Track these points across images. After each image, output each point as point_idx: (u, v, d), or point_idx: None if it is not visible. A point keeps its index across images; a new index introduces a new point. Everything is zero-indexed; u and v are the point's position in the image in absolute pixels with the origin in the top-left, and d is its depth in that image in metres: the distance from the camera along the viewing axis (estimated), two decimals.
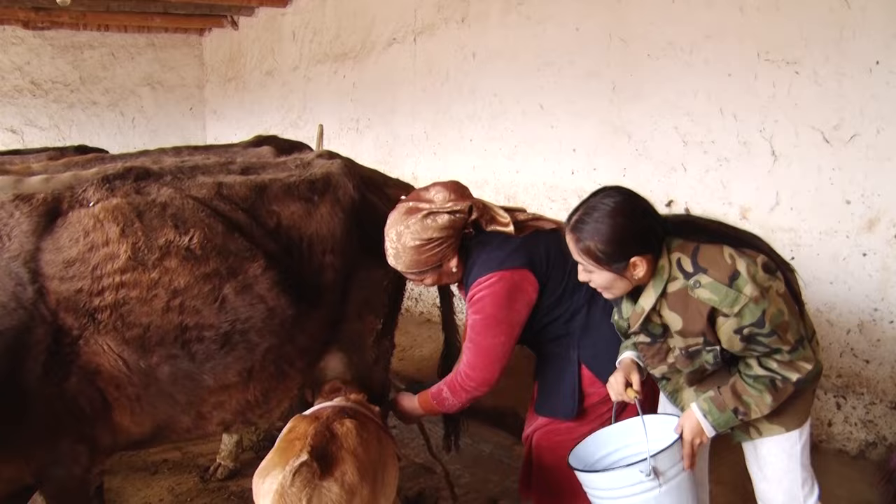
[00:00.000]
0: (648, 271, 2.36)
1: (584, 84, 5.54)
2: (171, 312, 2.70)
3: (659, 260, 2.37)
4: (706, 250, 2.34)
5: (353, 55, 8.35)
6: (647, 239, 2.34)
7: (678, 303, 2.36)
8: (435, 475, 4.43)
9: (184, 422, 2.91)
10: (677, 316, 2.37)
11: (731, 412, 2.41)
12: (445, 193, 2.97)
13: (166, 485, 4.34)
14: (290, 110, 9.78)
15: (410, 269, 2.95)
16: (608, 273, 2.37)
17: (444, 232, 2.87)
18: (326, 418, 2.53)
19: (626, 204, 2.34)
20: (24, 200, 2.61)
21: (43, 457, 2.59)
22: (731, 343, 2.34)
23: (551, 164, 5.98)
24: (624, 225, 2.30)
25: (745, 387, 2.39)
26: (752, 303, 2.24)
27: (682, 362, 2.49)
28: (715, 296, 2.26)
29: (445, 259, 2.94)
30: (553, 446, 3.07)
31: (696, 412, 2.45)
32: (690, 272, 2.31)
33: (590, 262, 2.36)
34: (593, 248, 2.32)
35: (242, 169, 3.21)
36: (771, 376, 2.36)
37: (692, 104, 4.82)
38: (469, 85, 6.76)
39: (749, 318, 2.25)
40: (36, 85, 10.47)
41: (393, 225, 2.93)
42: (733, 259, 2.30)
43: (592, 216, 2.33)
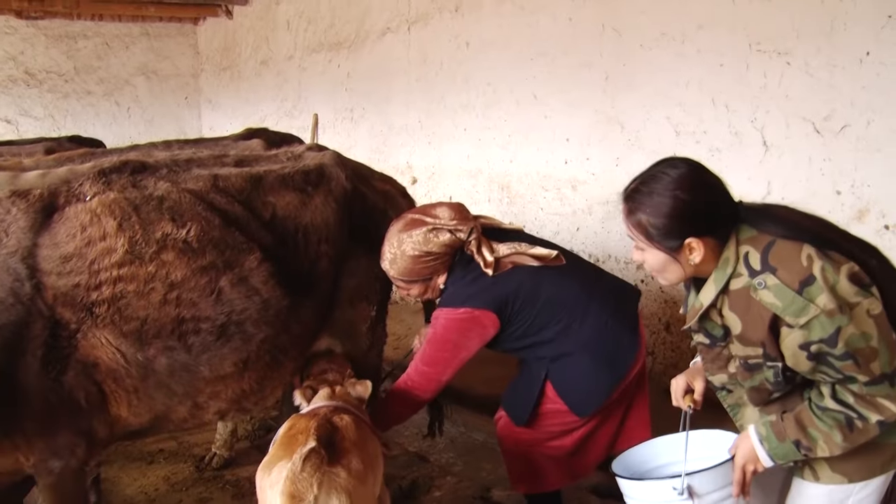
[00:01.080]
0: (708, 258, 2.06)
1: (577, 74, 5.56)
2: (168, 305, 2.74)
3: (725, 250, 2.06)
4: (782, 247, 1.99)
5: (348, 44, 8.36)
6: (710, 220, 2.05)
7: (739, 303, 2.05)
8: (428, 464, 4.48)
9: (181, 412, 2.94)
10: (737, 318, 2.06)
11: (793, 444, 2.06)
12: (451, 213, 3.13)
13: (162, 474, 4.39)
14: (284, 100, 9.78)
15: (402, 277, 3.14)
16: (660, 253, 2.08)
17: (443, 249, 3.05)
18: (325, 414, 2.57)
19: (689, 176, 2.06)
20: (21, 196, 2.63)
21: (41, 449, 2.62)
22: (796, 361, 2.00)
23: (545, 153, 6.01)
24: (683, 199, 2.01)
25: (812, 418, 2.03)
26: (825, 316, 1.88)
27: (742, 374, 2.18)
28: (779, 301, 1.93)
29: (436, 274, 3.13)
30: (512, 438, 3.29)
31: (752, 436, 2.13)
32: (757, 270, 1.99)
33: (641, 237, 2.09)
34: (644, 222, 2.05)
35: (236, 161, 3.25)
36: (845, 412, 1.98)
37: (684, 94, 4.84)
38: (463, 74, 6.77)
39: (819, 332, 1.90)
40: (30, 75, 10.45)
41: (396, 232, 3.11)
42: (811, 261, 1.94)
43: (650, 186, 2.06)
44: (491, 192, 6.61)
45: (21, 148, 5.51)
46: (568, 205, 5.85)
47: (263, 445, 4.25)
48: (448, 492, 4.21)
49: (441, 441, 4.76)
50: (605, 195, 5.47)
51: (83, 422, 2.70)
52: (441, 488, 4.24)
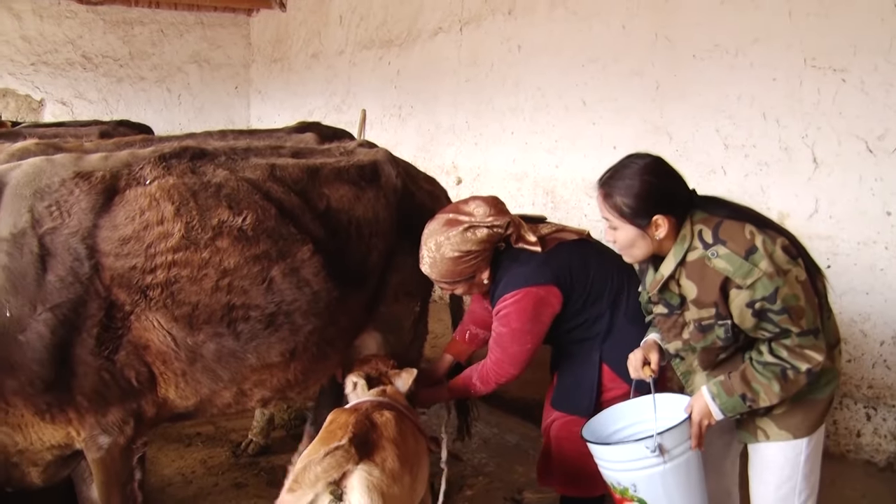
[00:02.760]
0: (670, 234, 2.46)
1: (627, 82, 5.56)
2: (220, 292, 2.79)
3: (682, 229, 2.46)
4: (728, 225, 2.40)
5: (399, 42, 8.42)
6: (672, 201, 2.45)
7: (695, 272, 2.44)
8: (461, 463, 4.51)
9: (225, 397, 3.00)
10: (693, 284, 2.45)
11: (739, 397, 2.44)
12: (486, 208, 3.09)
13: (199, 457, 4.47)
14: (333, 94, 9.87)
15: (444, 279, 3.10)
16: (631, 228, 2.47)
17: (482, 245, 3.01)
18: (366, 410, 2.60)
19: (654, 165, 2.48)
20: (84, 178, 2.69)
21: (92, 425, 2.70)
22: (742, 317, 2.39)
23: (591, 160, 6.00)
24: (650, 182, 2.42)
25: (754, 373, 2.43)
26: (766, 278, 2.30)
27: (695, 336, 2.54)
28: (730, 266, 2.34)
29: (479, 271, 3.08)
30: (571, 437, 3.15)
31: (705, 394, 2.51)
32: (710, 243, 2.39)
33: (615, 216, 2.47)
34: (619, 203, 2.44)
35: (293, 153, 3.31)
36: (781, 364, 2.39)
37: (735, 107, 4.82)
38: (513, 77, 6.79)
39: (761, 291, 2.31)
40: (87, 59, 10.66)
41: (432, 234, 3.06)
42: (753, 235, 2.36)
43: (622, 173, 2.47)
44: (535, 196, 6.63)
45: (76, 129, 5.61)
46: None
47: (299, 435, 4.33)
48: (479, 492, 4.23)
49: (474, 441, 4.79)
50: None
51: (132, 401, 2.77)
52: (473, 488, 4.26)
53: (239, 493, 4.08)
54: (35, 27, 10.27)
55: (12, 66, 10.23)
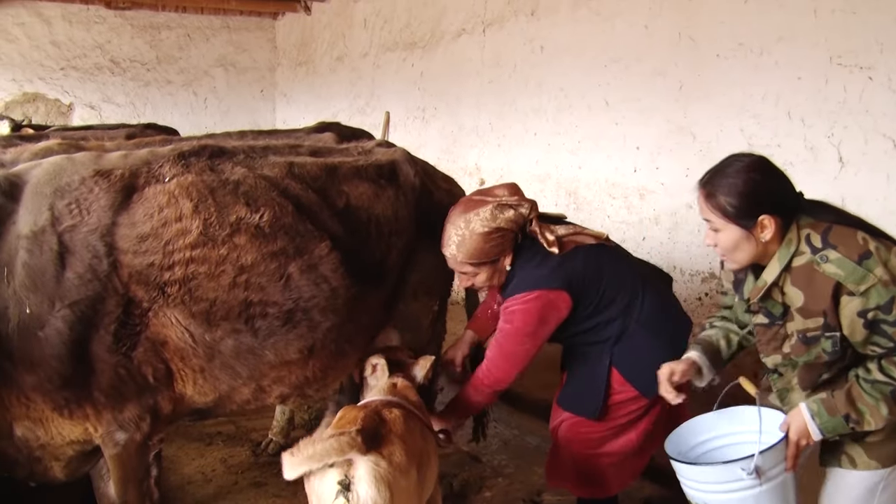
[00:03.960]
0: (776, 237, 2.31)
1: (650, 82, 5.52)
2: (237, 288, 2.80)
3: (788, 233, 2.31)
4: (839, 230, 2.26)
5: (423, 44, 8.43)
6: (779, 200, 2.31)
7: (802, 277, 2.28)
8: (480, 464, 4.50)
9: (244, 394, 3.01)
10: (800, 292, 2.29)
11: (842, 418, 2.27)
12: (509, 190, 3.12)
13: (219, 456, 4.49)
14: (358, 96, 9.90)
15: (471, 259, 3.04)
16: (736, 229, 2.32)
17: (510, 225, 3.00)
18: (375, 406, 2.60)
19: (761, 163, 2.35)
20: (104, 176, 2.72)
21: (109, 421, 2.71)
22: (852, 328, 2.22)
23: (614, 161, 5.97)
24: (757, 180, 2.29)
25: (861, 393, 2.26)
26: (881, 285, 2.14)
27: (798, 349, 2.36)
28: (841, 270, 2.18)
29: (504, 254, 3.06)
30: (580, 438, 3.21)
31: (804, 412, 2.34)
32: (819, 247, 2.24)
33: (719, 216, 2.33)
34: (723, 202, 2.30)
35: (311, 151, 3.33)
36: (892, 384, 2.22)
37: (760, 107, 4.76)
38: (536, 78, 6.77)
39: (875, 299, 2.15)
40: (115, 63, 10.80)
41: (460, 214, 3.05)
42: (866, 241, 2.21)
43: (726, 171, 2.34)
44: (558, 197, 6.60)
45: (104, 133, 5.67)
46: (635, 213, 5.81)
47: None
48: (498, 493, 4.21)
49: (494, 443, 4.78)
50: (674, 205, 5.42)
51: (149, 397, 2.78)
52: (492, 489, 4.25)
53: (258, 492, 4.10)
54: (64, 32, 10.42)
55: (42, 70, 10.38)
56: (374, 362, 3.01)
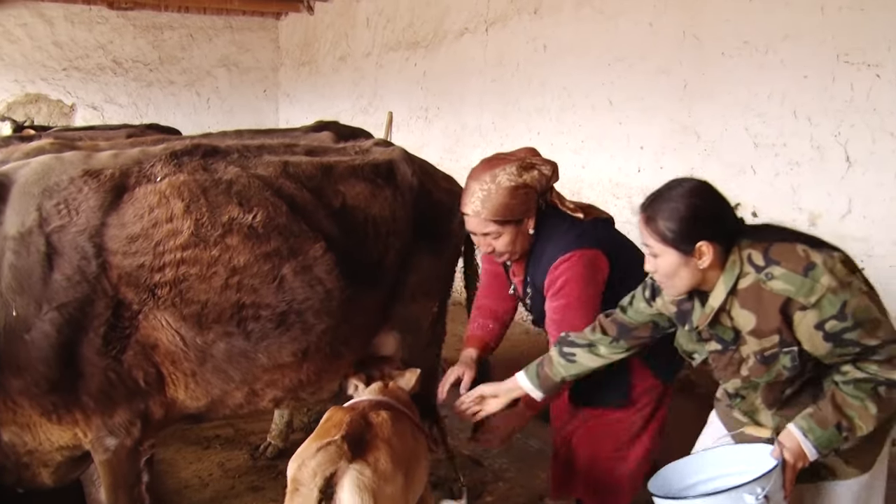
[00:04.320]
0: (715, 264, 2.24)
1: (654, 81, 5.46)
2: (229, 290, 2.74)
3: (730, 256, 2.25)
4: (779, 247, 2.20)
5: (425, 44, 8.37)
6: (718, 226, 2.25)
7: (750, 298, 2.22)
8: (481, 468, 4.43)
9: (237, 398, 2.95)
10: (750, 313, 2.23)
11: (835, 428, 2.17)
12: (530, 152, 3.01)
13: (217, 460, 4.43)
14: (360, 96, 9.86)
15: (496, 216, 2.86)
16: (674, 255, 2.25)
17: (536, 183, 2.87)
18: (363, 409, 2.54)
19: (700, 188, 2.28)
20: (93, 176, 2.66)
21: (98, 426, 2.66)
22: (813, 343, 2.16)
23: (618, 160, 5.91)
24: (696, 205, 2.22)
25: (844, 397, 2.19)
26: (831, 293, 2.08)
27: (757, 370, 2.31)
28: (790, 286, 2.12)
29: (528, 215, 2.90)
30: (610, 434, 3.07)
31: (795, 433, 2.22)
32: (762, 265, 2.19)
33: (657, 241, 2.27)
34: (662, 227, 2.24)
35: (307, 151, 3.27)
36: (872, 378, 2.15)
37: (765, 105, 4.70)
38: (539, 78, 6.71)
39: (829, 309, 2.09)
40: (117, 63, 10.77)
41: (486, 169, 2.89)
42: (807, 253, 2.16)
43: (666, 195, 2.28)
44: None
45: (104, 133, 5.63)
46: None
47: None
48: (499, 498, 4.14)
49: None
50: None
51: (140, 402, 2.73)
52: (493, 493, 4.18)
53: (255, 496, 4.03)
54: (67, 33, 10.39)
55: (45, 71, 10.36)
56: (354, 383, 2.95)
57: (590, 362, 2.75)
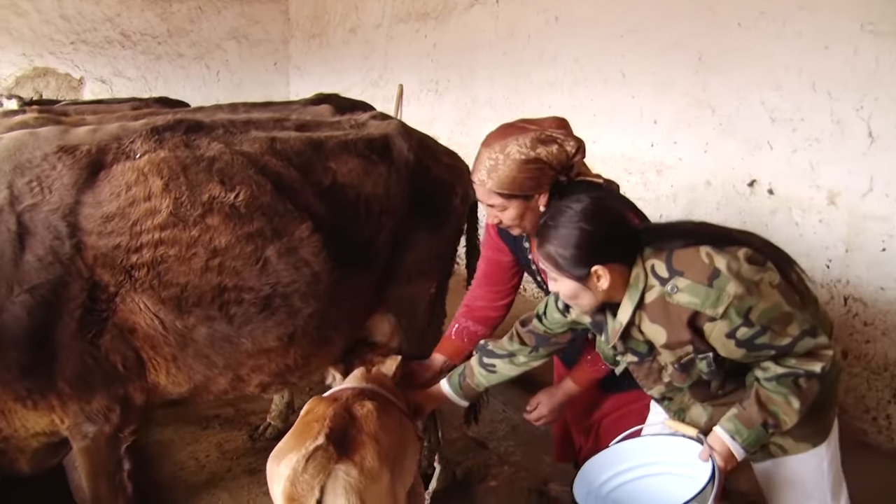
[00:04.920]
0: (616, 283, 2.20)
1: (668, 53, 5.25)
2: (210, 272, 2.63)
3: (633, 269, 2.21)
4: (681, 254, 2.16)
5: (435, 15, 8.17)
6: (612, 247, 2.20)
7: (658, 313, 2.18)
8: (486, 451, 4.33)
9: (221, 383, 2.85)
10: (660, 328, 2.20)
11: (761, 427, 2.18)
12: (556, 123, 2.73)
13: (215, 440, 4.36)
14: (371, 69, 9.68)
15: (501, 188, 2.63)
16: (569, 282, 2.22)
17: (551, 159, 2.60)
18: (346, 400, 2.41)
19: (591, 210, 2.20)
20: (68, 152, 2.55)
21: (75, 412, 2.57)
22: (727, 350, 2.15)
23: (630, 135, 5.72)
24: (585, 230, 2.17)
25: (767, 394, 2.18)
26: (737, 300, 2.05)
27: (678, 377, 2.30)
28: (695, 298, 2.08)
29: (539, 191, 2.64)
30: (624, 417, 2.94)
31: (722, 435, 2.22)
32: (666, 277, 2.14)
33: (552, 268, 2.24)
34: (553, 253, 2.20)
35: (297, 126, 3.13)
36: (792, 372, 2.14)
37: (782, 78, 4.49)
38: (551, 50, 6.51)
39: (737, 317, 2.07)
40: (125, 36, 10.62)
41: (497, 138, 2.66)
42: (711, 258, 2.11)
43: (556, 220, 2.22)
44: None
45: (108, 106, 5.53)
46: (652, 190, 5.57)
47: None
48: (504, 482, 4.05)
49: (502, 428, 4.61)
50: (692, 182, 5.18)
51: (119, 387, 2.63)
52: (497, 478, 4.08)
53: (251, 479, 3.96)
54: (74, 6, 10.24)
55: (52, 44, 10.23)
56: (332, 373, 2.86)
57: (510, 371, 2.79)
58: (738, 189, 4.83)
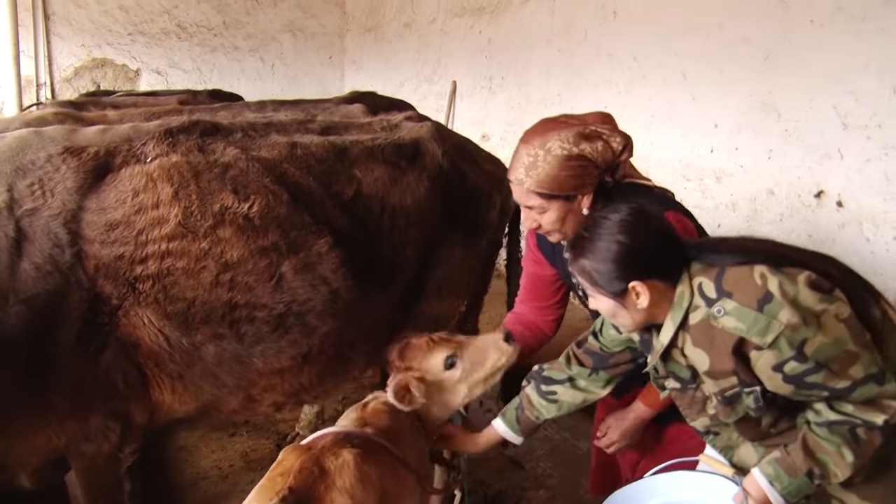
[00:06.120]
0: (658, 301, 2.01)
1: (732, 51, 4.94)
2: (220, 288, 2.46)
3: (679, 286, 2.01)
4: (733, 272, 1.95)
5: (490, 10, 7.93)
6: (653, 262, 2.01)
7: (702, 337, 1.98)
8: (522, 472, 4.10)
9: (231, 403, 2.69)
10: (703, 353, 1.99)
11: (805, 476, 1.95)
12: (601, 118, 2.57)
13: (241, 449, 4.21)
14: (425, 64, 9.48)
15: (541, 188, 2.41)
16: (606, 299, 2.05)
17: (596, 156, 2.40)
18: (320, 449, 2.14)
19: (630, 221, 2.02)
20: (74, 154, 2.40)
21: (72, 430, 2.42)
22: (774, 384, 1.92)
23: (689, 139, 5.42)
24: (623, 243, 1.98)
25: (817, 441, 1.94)
26: (790, 330, 1.81)
27: (723, 411, 2.07)
28: (742, 324, 1.87)
29: (582, 192, 2.44)
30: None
31: (759, 480, 2.02)
32: (713, 298, 1.93)
33: (587, 284, 2.06)
34: (588, 268, 2.02)
35: (322, 128, 2.94)
36: (848, 420, 1.89)
37: (858, 81, 4.17)
38: (608, 48, 6.22)
39: (788, 349, 1.83)
40: (182, 28, 10.60)
41: (537, 134, 2.45)
42: (765, 279, 1.89)
43: (592, 232, 2.04)
44: None
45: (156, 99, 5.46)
46: (710, 198, 5.26)
47: None
48: None
49: (541, 447, 4.37)
50: (753, 191, 4.87)
51: (119, 405, 2.47)
52: (531, 502, 3.84)
53: None
54: None
55: (110, 35, 10.26)
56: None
57: (572, 398, 2.52)
58: (804, 200, 4.51)
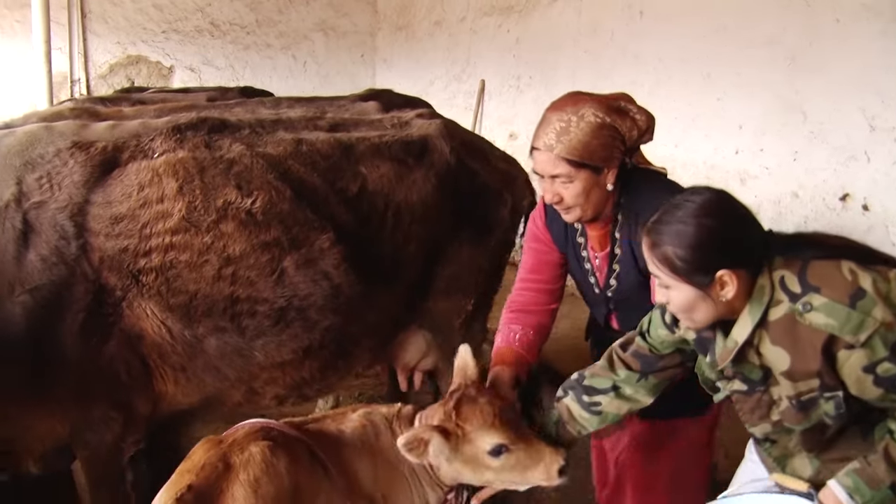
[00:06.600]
0: (741, 294, 1.86)
1: (757, 52, 4.87)
2: (222, 281, 2.51)
3: (759, 278, 1.87)
4: (818, 266, 1.83)
5: (519, 9, 7.93)
6: (741, 250, 1.87)
7: (784, 334, 1.84)
8: None
9: (234, 396, 2.75)
10: (783, 352, 1.84)
11: (889, 489, 1.80)
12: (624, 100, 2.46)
13: None
14: (454, 63, 9.51)
15: (572, 154, 2.33)
16: (688, 289, 1.87)
17: (625, 130, 2.36)
18: (231, 444, 2.12)
19: (717, 203, 1.88)
20: (82, 149, 2.47)
21: (75, 420, 2.48)
22: (861, 387, 1.79)
23: (713, 140, 5.36)
24: (712, 228, 1.84)
25: None
26: (885, 328, 1.71)
27: (793, 417, 1.91)
28: (833, 320, 1.74)
29: (609, 164, 2.37)
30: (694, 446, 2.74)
31: (838, 493, 1.86)
32: (798, 293, 1.80)
33: (667, 272, 1.89)
34: (671, 255, 1.86)
35: (331, 125, 2.97)
36: None
37: (886, 81, 4.09)
38: (633, 48, 6.18)
39: (882, 349, 1.72)
40: (215, 26, 10.75)
41: (570, 103, 2.40)
42: (854, 275, 1.77)
43: (673, 214, 1.88)
44: None
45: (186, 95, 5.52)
46: None
47: None
48: None
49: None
50: (778, 193, 4.79)
51: (122, 395, 2.52)
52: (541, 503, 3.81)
53: None
54: None
55: (144, 33, 10.44)
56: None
57: (617, 409, 2.32)
58: (829, 203, 4.43)
